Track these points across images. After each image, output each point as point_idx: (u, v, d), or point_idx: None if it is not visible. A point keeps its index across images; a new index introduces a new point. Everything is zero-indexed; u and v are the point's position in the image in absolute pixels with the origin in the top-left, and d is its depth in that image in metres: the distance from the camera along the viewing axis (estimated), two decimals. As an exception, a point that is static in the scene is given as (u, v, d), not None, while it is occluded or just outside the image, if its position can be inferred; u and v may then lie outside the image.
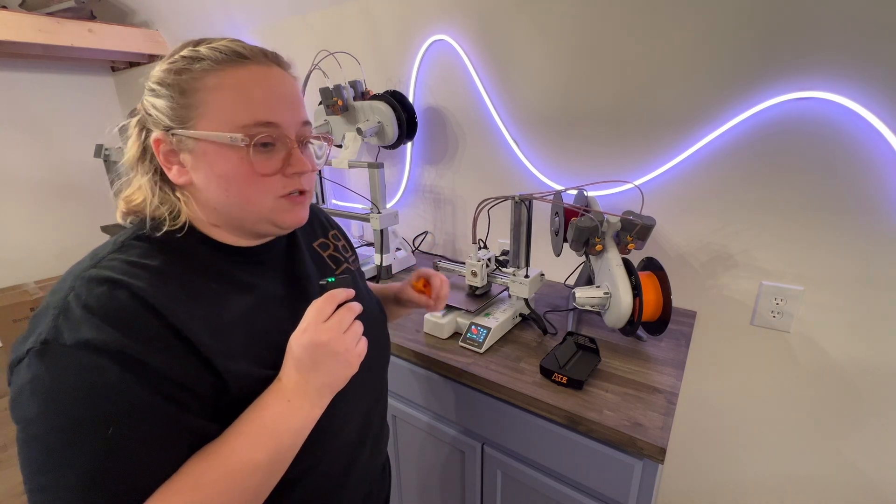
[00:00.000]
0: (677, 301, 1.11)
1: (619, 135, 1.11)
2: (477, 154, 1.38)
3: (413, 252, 1.54)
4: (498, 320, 0.97)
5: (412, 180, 1.56)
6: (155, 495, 0.38)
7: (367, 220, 1.33)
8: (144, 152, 0.48)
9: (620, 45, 1.05)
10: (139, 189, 0.49)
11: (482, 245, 1.09)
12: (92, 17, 2.22)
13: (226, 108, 0.45)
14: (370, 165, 1.28)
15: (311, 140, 0.53)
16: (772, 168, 0.95)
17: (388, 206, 1.59)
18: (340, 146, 1.35)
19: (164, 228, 0.47)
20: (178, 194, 0.49)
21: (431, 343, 0.97)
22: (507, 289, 1.06)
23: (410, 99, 1.40)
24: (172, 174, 0.47)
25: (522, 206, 0.95)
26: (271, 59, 0.49)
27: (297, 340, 0.45)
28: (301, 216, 0.52)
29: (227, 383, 0.43)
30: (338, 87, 1.28)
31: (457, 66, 1.31)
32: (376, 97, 1.32)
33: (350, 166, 1.28)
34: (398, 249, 1.41)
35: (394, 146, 1.39)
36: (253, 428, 0.43)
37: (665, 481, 1.31)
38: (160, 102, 0.45)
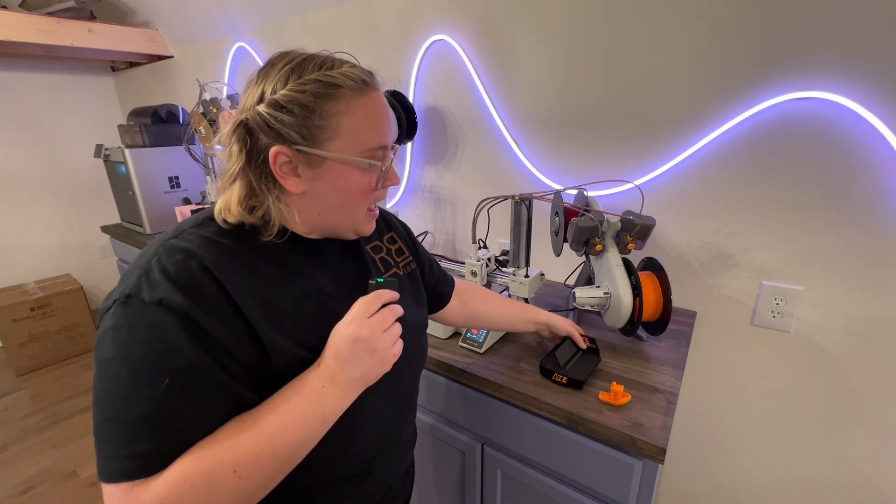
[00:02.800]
0: (677, 301, 1.11)
1: (619, 135, 1.11)
2: (477, 154, 1.38)
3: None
4: (498, 320, 0.97)
5: (412, 180, 1.56)
6: (194, 448, 0.42)
7: (367, 220, 1.32)
8: (254, 160, 0.50)
9: (620, 44, 1.05)
10: (250, 194, 0.51)
11: (482, 245, 1.09)
12: (92, 17, 2.22)
13: (357, 132, 0.50)
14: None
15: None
16: (772, 168, 0.95)
17: (388, 206, 1.60)
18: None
19: (274, 232, 0.51)
20: (282, 203, 0.52)
21: (432, 343, 0.97)
22: (507, 289, 1.06)
23: (410, 99, 1.40)
24: (288, 184, 0.50)
25: (522, 206, 0.95)
26: (378, 83, 0.54)
27: (341, 331, 0.49)
28: (373, 227, 0.59)
29: (269, 357, 0.47)
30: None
31: (457, 66, 1.31)
32: (376, 97, 1.32)
33: (350, 166, 1.28)
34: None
35: (394, 146, 1.38)
36: (287, 406, 0.46)
37: (665, 481, 1.31)
38: (290, 119, 0.48)
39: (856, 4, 0.80)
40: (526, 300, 1.01)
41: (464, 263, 1.08)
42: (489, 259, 1.05)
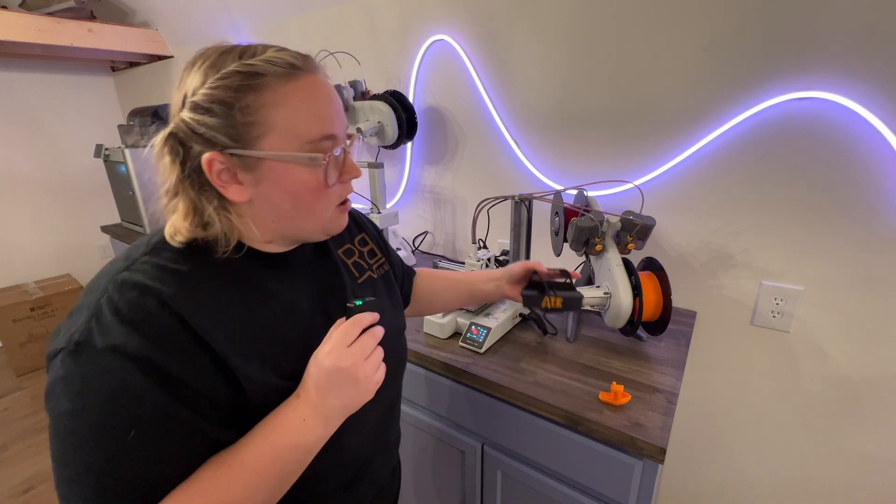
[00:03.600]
0: (677, 301, 1.11)
1: (619, 135, 1.11)
2: (477, 154, 1.38)
3: (413, 252, 1.54)
4: (498, 320, 0.97)
5: (412, 180, 1.56)
6: (168, 498, 0.39)
7: (367, 220, 1.33)
8: (191, 172, 0.45)
9: (620, 44, 1.05)
10: (194, 210, 0.46)
11: (482, 245, 1.09)
12: (92, 17, 2.22)
13: (292, 124, 0.45)
14: (370, 165, 1.28)
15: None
16: (772, 168, 0.95)
17: (388, 206, 1.59)
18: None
19: (228, 248, 0.47)
20: (231, 214, 0.47)
21: (431, 343, 0.97)
22: (507, 289, 1.06)
23: (410, 99, 1.40)
24: (230, 193, 0.45)
25: (522, 206, 0.95)
26: (315, 65, 0.48)
27: (320, 362, 0.45)
28: (345, 222, 0.54)
29: (245, 392, 0.44)
30: (338, 87, 1.28)
31: (457, 66, 1.31)
32: (376, 97, 1.32)
33: (350, 166, 1.28)
34: (398, 249, 1.41)
35: (394, 146, 1.39)
36: (267, 442, 0.44)
37: (665, 481, 1.31)
38: (214, 121, 0.43)
39: (856, 5, 0.80)
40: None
41: (464, 263, 1.08)
42: (489, 259, 1.05)
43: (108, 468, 0.38)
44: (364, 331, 0.48)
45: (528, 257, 1.01)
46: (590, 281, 1.01)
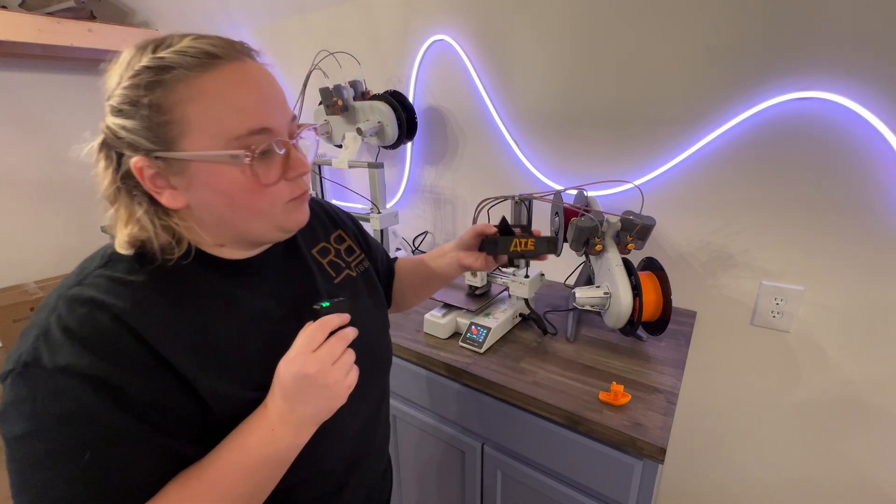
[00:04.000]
0: (677, 301, 1.11)
1: (619, 135, 1.11)
2: (477, 154, 1.37)
3: (413, 252, 1.54)
4: (498, 320, 0.97)
5: (412, 180, 1.56)
6: None
7: (367, 220, 1.33)
8: (124, 178, 0.43)
9: (620, 44, 1.05)
10: (134, 221, 0.44)
11: (482, 245, 1.09)
12: (92, 17, 2.22)
13: (212, 120, 0.40)
14: (370, 165, 1.28)
15: (302, 135, 0.50)
16: (772, 168, 0.95)
17: (388, 206, 1.59)
18: (340, 146, 1.35)
19: (176, 255, 0.44)
20: (175, 220, 0.45)
21: (431, 343, 0.97)
22: (507, 289, 1.06)
23: (410, 99, 1.39)
24: (165, 199, 0.43)
25: (522, 206, 0.95)
26: (242, 51, 0.44)
27: (285, 369, 0.43)
28: (304, 217, 0.50)
29: (210, 406, 0.43)
30: (338, 87, 1.28)
31: (457, 66, 1.31)
32: (376, 97, 1.32)
33: (350, 166, 1.28)
34: (398, 249, 1.41)
35: (394, 146, 1.39)
36: (235, 455, 0.42)
37: (665, 481, 1.31)
38: (132, 124, 0.40)
39: (856, 5, 0.80)
40: (526, 300, 1.01)
41: (464, 263, 1.08)
42: (489, 259, 1.05)
43: (67, 492, 0.36)
44: (333, 333, 0.46)
45: (528, 257, 1.01)
46: (590, 281, 1.01)
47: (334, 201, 1.75)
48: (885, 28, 0.79)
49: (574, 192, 1.07)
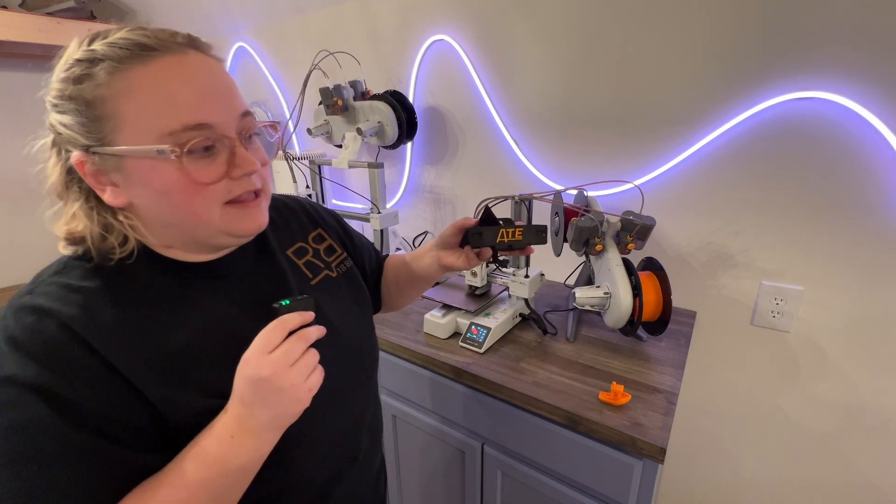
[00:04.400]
0: (677, 301, 1.11)
1: (619, 135, 1.11)
2: (477, 154, 1.37)
3: (413, 252, 1.54)
4: (498, 320, 0.97)
5: (412, 180, 1.56)
6: None
7: (367, 220, 1.33)
8: (70, 175, 0.43)
9: (620, 44, 1.05)
10: (75, 217, 0.43)
11: (482, 245, 1.09)
12: (92, 17, 2.22)
13: (144, 114, 0.39)
14: (370, 165, 1.28)
15: (258, 131, 0.48)
16: (772, 168, 0.95)
17: (388, 206, 1.59)
18: (340, 146, 1.35)
19: (116, 257, 0.43)
20: (120, 217, 0.43)
21: (431, 343, 0.97)
22: (507, 289, 1.06)
23: (410, 99, 1.39)
24: (107, 196, 0.42)
25: (522, 206, 0.95)
26: (186, 43, 0.42)
27: (241, 372, 0.41)
28: (259, 220, 0.47)
29: (164, 415, 0.41)
30: (338, 87, 1.28)
31: (457, 66, 1.31)
32: (376, 97, 1.32)
33: (350, 166, 1.28)
34: (398, 249, 1.41)
35: (394, 146, 1.39)
36: (194, 464, 0.40)
37: (665, 481, 1.31)
38: (68, 119, 0.39)
39: (856, 5, 0.80)
40: (526, 300, 1.01)
41: (464, 263, 1.08)
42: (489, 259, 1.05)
43: None
44: (293, 333, 0.43)
45: (528, 257, 1.01)
46: (590, 281, 1.01)
47: (334, 201, 1.75)
48: (885, 28, 0.79)
49: (574, 192, 1.07)
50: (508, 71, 1.23)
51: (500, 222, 0.63)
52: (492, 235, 0.61)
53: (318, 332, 0.44)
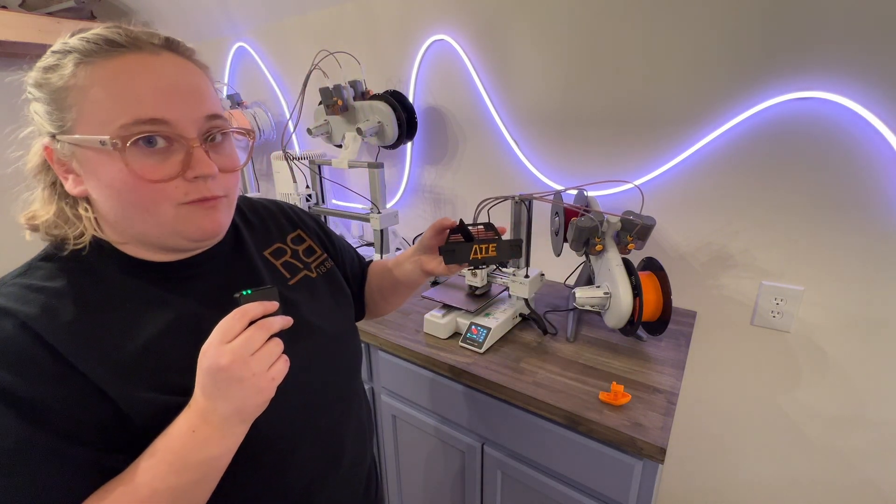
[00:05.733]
0: (677, 301, 1.11)
1: (619, 135, 1.11)
2: (477, 154, 1.37)
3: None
4: (498, 320, 0.97)
5: (412, 180, 1.56)
6: None
7: (367, 220, 1.33)
8: (44, 163, 0.45)
9: (620, 44, 1.05)
10: (36, 202, 0.45)
11: (482, 245, 1.09)
12: (92, 17, 2.22)
13: (101, 106, 0.39)
14: (370, 165, 1.28)
15: (235, 135, 0.48)
16: (772, 168, 0.95)
17: (388, 206, 1.59)
18: (340, 146, 1.35)
19: (69, 248, 0.43)
20: (80, 209, 0.44)
21: (431, 343, 0.97)
22: (507, 289, 1.06)
23: (410, 99, 1.39)
24: (68, 185, 0.43)
25: (522, 206, 0.95)
26: (161, 44, 0.43)
27: (200, 364, 0.40)
28: (215, 225, 0.46)
29: (127, 413, 0.41)
30: (338, 87, 1.28)
31: (457, 66, 1.31)
32: (376, 97, 1.32)
33: (350, 166, 1.28)
34: (398, 249, 1.41)
35: (394, 146, 1.39)
36: (157, 461, 0.39)
37: (665, 481, 1.31)
38: (39, 106, 0.41)
39: (856, 5, 0.80)
40: (526, 300, 1.01)
41: (464, 263, 1.08)
42: (489, 259, 1.05)
43: None
44: (254, 323, 0.42)
45: (528, 257, 1.01)
46: (590, 281, 1.01)
47: (334, 201, 1.75)
48: (884, 28, 0.79)
49: (574, 192, 1.07)
50: (508, 71, 1.23)
51: (480, 228, 0.63)
52: (465, 253, 0.61)
53: (282, 321, 0.43)
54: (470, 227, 0.64)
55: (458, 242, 0.62)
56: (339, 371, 0.59)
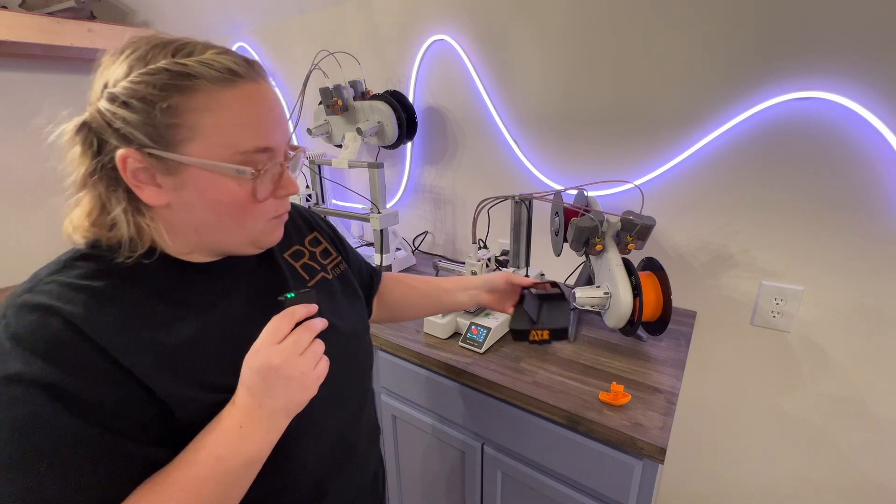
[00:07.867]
0: (677, 301, 1.11)
1: (619, 134, 1.11)
2: (477, 154, 1.38)
3: (413, 252, 1.54)
4: (498, 320, 0.97)
5: (412, 180, 1.56)
6: None
7: (367, 220, 1.33)
8: (102, 166, 0.43)
9: (620, 44, 1.05)
10: (98, 208, 0.44)
11: (482, 245, 1.09)
12: (92, 17, 2.22)
13: (222, 132, 0.42)
14: (370, 165, 1.28)
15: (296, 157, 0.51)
16: (772, 168, 0.95)
17: (388, 206, 1.60)
18: (340, 146, 1.35)
19: (137, 253, 0.44)
20: (147, 220, 0.44)
21: (431, 343, 0.97)
22: (507, 289, 1.06)
23: (410, 99, 1.40)
24: (146, 195, 0.43)
25: (522, 206, 0.95)
26: (259, 73, 0.46)
27: (250, 362, 0.43)
28: (279, 235, 0.52)
29: (172, 410, 0.42)
30: (338, 87, 1.28)
31: (457, 66, 1.31)
32: (376, 97, 1.32)
33: (350, 166, 1.28)
34: (398, 249, 1.41)
35: (394, 146, 1.39)
36: (202, 456, 0.41)
37: (665, 481, 1.31)
38: (134, 117, 0.40)
39: (856, 5, 0.80)
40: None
41: (464, 263, 1.08)
42: (489, 259, 1.05)
43: (27, 502, 0.35)
44: (301, 324, 0.45)
45: (528, 257, 1.01)
46: (590, 281, 1.01)
47: (334, 201, 1.75)
48: (884, 28, 0.79)
49: (574, 192, 1.07)
50: (508, 70, 1.23)
51: (547, 285, 0.83)
52: (525, 336, 0.78)
53: (322, 323, 0.46)
54: (538, 284, 0.83)
55: (524, 328, 0.77)
56: (356, 369, 0.63)
